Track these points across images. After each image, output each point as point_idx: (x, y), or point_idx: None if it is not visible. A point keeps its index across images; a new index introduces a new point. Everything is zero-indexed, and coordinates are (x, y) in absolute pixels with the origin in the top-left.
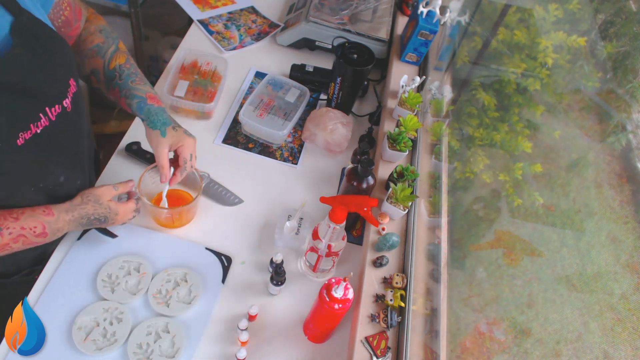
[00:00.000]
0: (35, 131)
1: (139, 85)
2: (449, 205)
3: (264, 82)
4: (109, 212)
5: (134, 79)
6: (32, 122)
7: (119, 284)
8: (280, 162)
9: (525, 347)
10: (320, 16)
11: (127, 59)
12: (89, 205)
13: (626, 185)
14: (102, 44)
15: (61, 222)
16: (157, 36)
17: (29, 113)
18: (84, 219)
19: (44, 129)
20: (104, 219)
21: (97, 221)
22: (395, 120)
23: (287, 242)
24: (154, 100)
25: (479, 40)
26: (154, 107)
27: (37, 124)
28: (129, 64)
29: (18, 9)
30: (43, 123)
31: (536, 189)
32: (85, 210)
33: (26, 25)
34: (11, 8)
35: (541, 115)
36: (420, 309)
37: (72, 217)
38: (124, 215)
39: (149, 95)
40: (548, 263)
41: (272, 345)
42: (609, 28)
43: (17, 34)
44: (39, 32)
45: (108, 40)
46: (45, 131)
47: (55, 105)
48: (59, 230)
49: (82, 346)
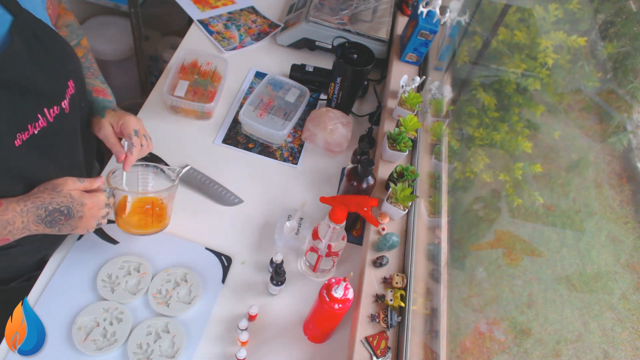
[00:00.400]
0: (33, 132)
1: (89, 79)
2: (449, 205)
3: (264, 82)
4: (71, 202)
5: (86, 72)
6: (30, 122)
7: (119, 284)
8: (280, 162)
9: (525, 347)
10: (320, 16)
11: (84, 53)
12: (45, 194)
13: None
14: (65, 37)
15: (10, 213)
16: (157, 36)
17: (28, 113)
18: (41, 209)
19: (41, 130)
20: (66, 210)
21: (59, 214)
22: (395, 120)
23: (287, 242)
24: (99, 93)
25: (479, 40)
26: (98, 98)
27: (35, 124)
28: (84, 58)
29: (18, 8)
30: (41, 124)
31: (536, 188)
32: (41, 199)
33: (26, 24)
34: (11, 8)
35: (541, 115)
36: (420, 309)
37: (25, 206)
38: (93, 207)
39: (95, 88)
40: (548, 263)
41: (272, 345)
42: (609, 28)
43: (17, 33)
44: (39, 32)
45: (71, 35)
46: (42, 132)
47: (53, 106)
48: (9, 223)
49: (82, 346)
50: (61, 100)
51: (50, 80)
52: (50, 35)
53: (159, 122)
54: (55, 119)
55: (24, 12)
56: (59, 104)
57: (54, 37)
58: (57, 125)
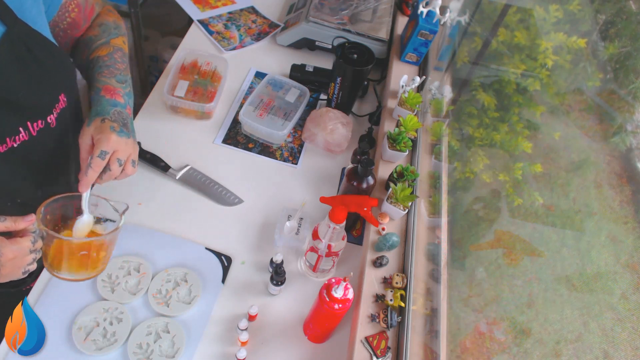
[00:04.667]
0: (12, 145)
1: (104, 77)
2: (449, 205)
3: (264, 82)
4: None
5: (103, 70)
6: (8, 135)
7: (119, 284)
8: (280, 162)
9: (525, 347)
10: (320, 16)
11: (110, 52)
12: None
13: (626, 186)
14: (94, 36)
15: None
16: (157, 36)
17: (7, 126)
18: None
19: (22, 144)
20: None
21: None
22: (395, 120)
23: (287, 242)
24: (108, 92)
25: (479, 40)
26: (104, 98)
27: (15, 137)
28: (107, 57)
29: (12, 19)
30: (22, 137)
31: (536, 189)
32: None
33: (19, 36)
34: (4, 18)
35: (541, 115)
36: (420, 309)
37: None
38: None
39: (105, 87)
40: (548, 263)
41: (272, 345)
42: (609, 28)
43: (8, 44)
44: (33, 44)
45: (102, 34)
46: (22, 145)
47: (38, 120)
48: None
49: (82, 346)
50: (47, 115)
51: (38, 94)
52: (46, 47)
53: (159, 122)
54: (39, 132)
55: (18, 23)
56: (45, 118)
57: (49, 50)
58: (42, 140)
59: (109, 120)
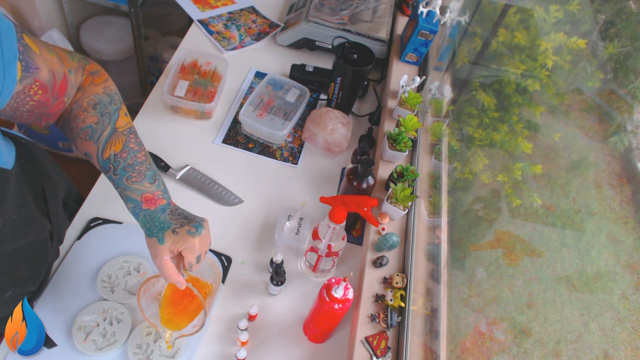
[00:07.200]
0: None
1: (135, 183)
2: (449, 205)
3: (264, 82)
4: None
5: (130, 174)
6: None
7: (119, 284)
8: (280, 162)
9: (525, 347)
10: (320, 16)
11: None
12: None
13: (626, 186)
14: (95, 124)
15: None
16: (157, 36)
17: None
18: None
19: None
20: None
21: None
22: (395, 120)
23: (287, 242)
24: (149, 203)
25: (479, 40)
26: (149, 211)
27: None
28: (125, 152)
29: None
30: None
31: (536, 189)
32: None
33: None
34: None
35: (541, 115)
36: (420, 309)
37: None
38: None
39: (144, 197)
40: (548, 263)
41: (272, 345)
42: (609, 28)
43: None
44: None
45: (103, 119)
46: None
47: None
48: None
49: (82, 346)
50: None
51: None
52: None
53: (159, 122)
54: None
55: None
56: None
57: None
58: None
59: (178, 228)
